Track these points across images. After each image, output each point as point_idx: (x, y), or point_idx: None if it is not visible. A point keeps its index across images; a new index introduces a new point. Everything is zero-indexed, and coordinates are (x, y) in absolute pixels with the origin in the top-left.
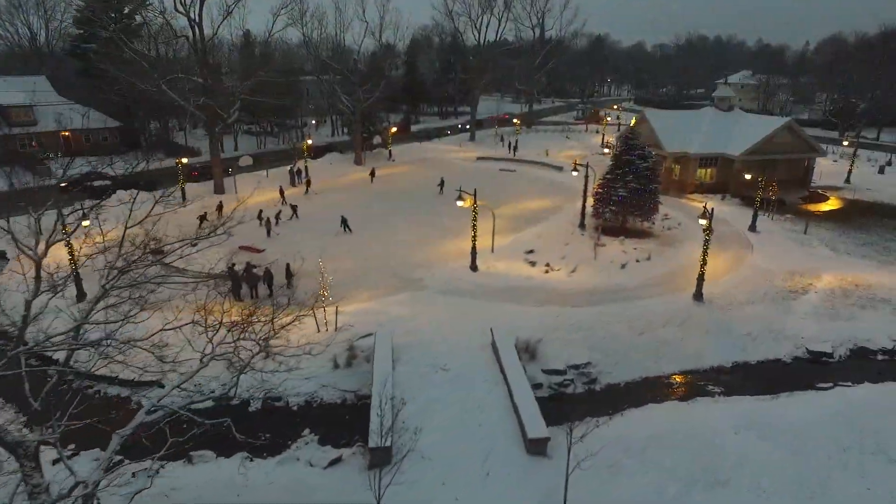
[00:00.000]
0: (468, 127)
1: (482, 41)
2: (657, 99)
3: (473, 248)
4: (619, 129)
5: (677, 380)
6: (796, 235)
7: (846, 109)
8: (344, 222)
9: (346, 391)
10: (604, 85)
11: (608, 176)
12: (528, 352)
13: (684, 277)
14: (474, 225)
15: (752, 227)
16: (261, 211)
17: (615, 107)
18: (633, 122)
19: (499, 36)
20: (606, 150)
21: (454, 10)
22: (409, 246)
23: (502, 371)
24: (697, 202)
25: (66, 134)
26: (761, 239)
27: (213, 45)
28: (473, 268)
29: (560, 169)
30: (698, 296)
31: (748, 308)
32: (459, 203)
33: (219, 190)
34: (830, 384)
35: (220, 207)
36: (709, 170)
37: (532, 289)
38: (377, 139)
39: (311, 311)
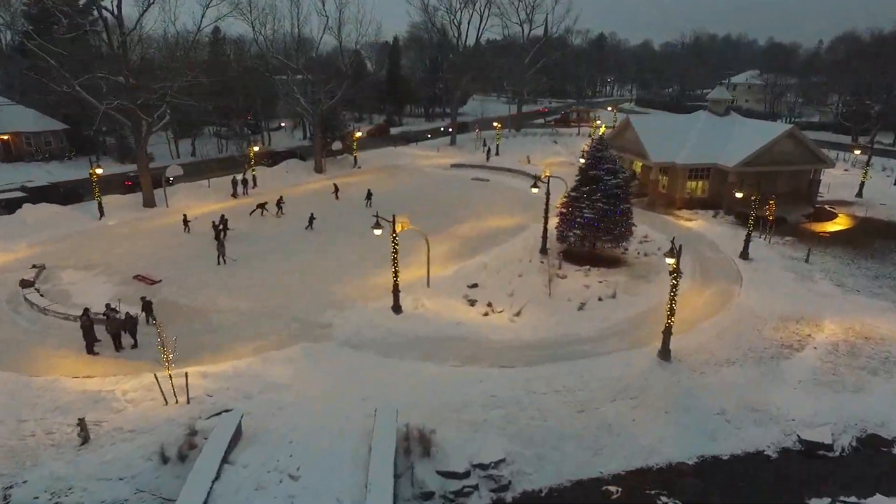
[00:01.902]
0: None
1: (464, 38)
2: (658, 100)
3: (395, 286)
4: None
5: (619, 485)
6: (796, 265)
7: (859, 112)
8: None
9: (170, 501)
10: (605, 85)
11: (573, 193)
12: (421, 444)
13: (653, 323)
14: (394, 258)
15: (745, 254)
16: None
17: (610, 108)
18: (601, 129)
19: (480, 32)
20: (582, 160)
21: (430, 3)
22: (332, 276)
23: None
24: (685, 220)
25: (6, 138)
26: (754, 269)
27: (137, 40)
28: (396, 309)
29: (538, 178)
30: (664, 353)
31: (726, 372)
32: (377, 231)
33: (149, 203)
34: (828, 500)
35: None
36: (700, 182)
37: (460, 340)
38: (337, 145)
39: (155, 377)
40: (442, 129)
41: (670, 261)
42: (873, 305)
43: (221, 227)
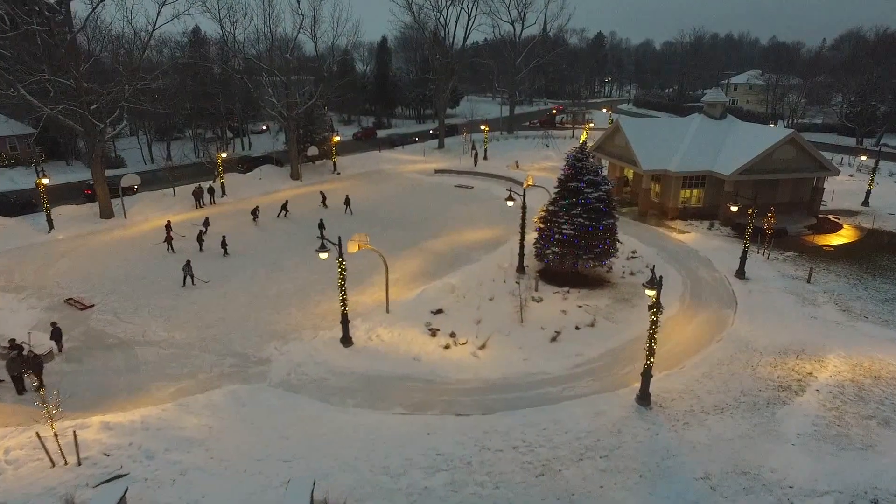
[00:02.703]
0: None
1: (452, 37)
2: (656, 100)
3: (343, 317)
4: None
5: None
6: (796, 286)
7: (864, 113)
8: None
9: None
10: (604, 85)
11: (550, 207)
12: None
13: (634, 358)
14: (341, 285)
15: (741, 273)
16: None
17: (605, 109)
18: (583, 136)
19: (468, 31)
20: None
21: (415, 0)
22: (283, 301)
23: None
24: (678, 232)
25: None
26: (750, 291)
27: (89, 39)
28: (346, 341)
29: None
30: (643, 398)
31: (714, 422)
32: (322, 256)
33: (106, 214)
34: None
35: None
36: (695, 191)
37: (413, 380)
38: (313, 150)
39: (37, 434)
40: (431, 131)
41: (650, 293)
42: (884, 335)
43: (203, 230)
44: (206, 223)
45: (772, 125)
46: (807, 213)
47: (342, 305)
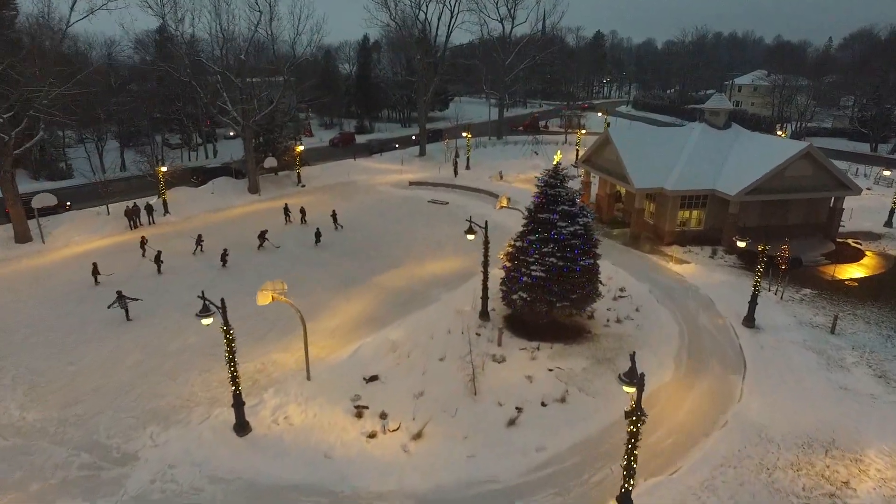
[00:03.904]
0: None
1: (433, 35)
2: (656, 102)
3: (236, 399)
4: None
5: None
6: (818, 338)
7: (879, 117)
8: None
9: None
10: (603, 86)
11: (517, 243)
12: None
13: (613, 455)
14: (230, 359)
15: (750, 320)
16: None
17: (601, 112)
18: (556, 156)
19: (451, 29)
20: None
21: None
22: (184, 361)
23: None
24: (675, 261)
25: None
26: (762, 347)
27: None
28: (241, 428)
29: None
30: None
31: None
32: (205, 321)
33: (22, 238)
34: None
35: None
36: (695, 212)
37: (314, 492)
38: (271, 161)
39: None
40: (414, 137)
41: (629, 390)
42: None
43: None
44: (200, 240)
45: (780, 133)
46: (823, 236)
47: (233, 385)
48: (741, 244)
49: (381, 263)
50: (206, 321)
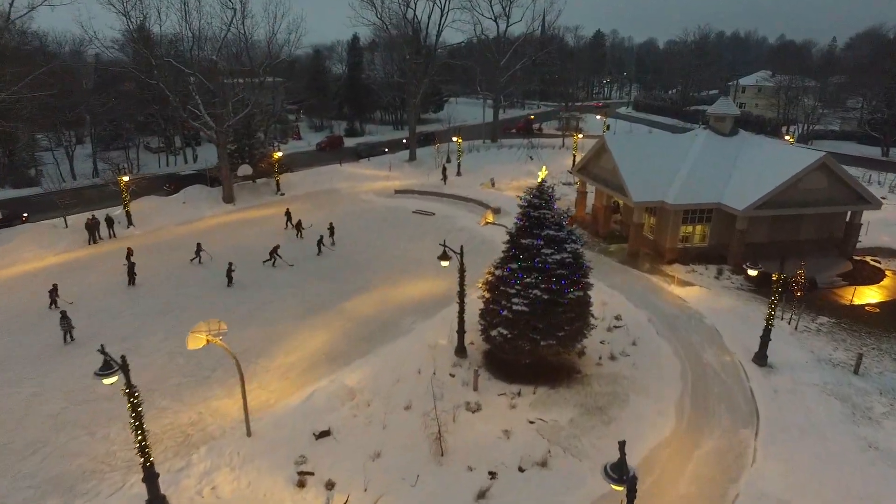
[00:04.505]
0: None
1: (423, 34)
2: (658, 103)
3: (148, 472)
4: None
5: None
6: (840, 379)
7: (890, 119)
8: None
9: None
10: (603, 87)
11: (497, 271)
12: None
13: None
14: (133, 418)
15: (761, 357)
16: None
17: (599, 115)
18: (541, 172)
19: (441, 27)
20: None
21: None
22: (103, 411)
23: None
24: (678, 283)
25: None
26: (776, 391)
27: None
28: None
29: (497, 211)
30: None
31: None
32: (108, 381)
33: None
34: None
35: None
36: (698, 227)
37: None
38: (245, 169)
39: None
40: (404, 140)
41: (618, 489)
42: None
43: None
44: (199, 248)
45: (788, 138)
46: (838, 253)
47: (142, 457)
48: (752, 272)
49: (353, 285)
50: (108, 381)
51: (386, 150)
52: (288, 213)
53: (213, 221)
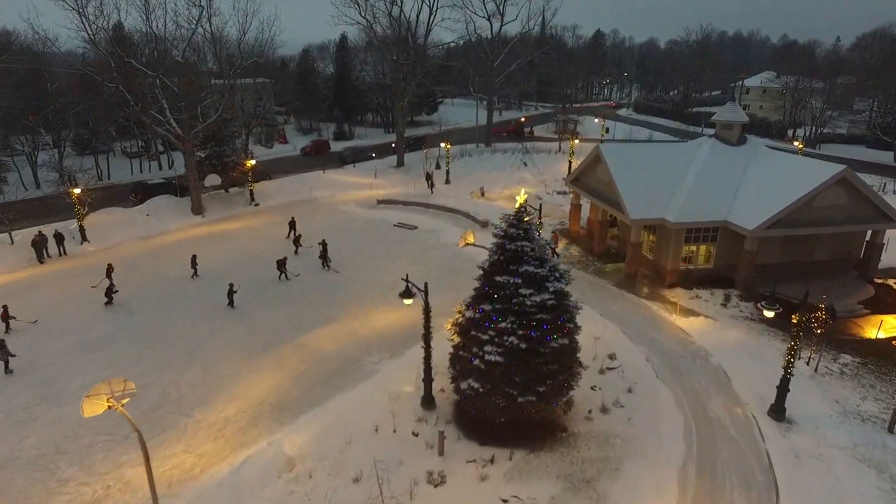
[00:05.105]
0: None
1: (411, 34)
2: (659, 105)
3: None
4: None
5: None
6: (871, 437)
7: None
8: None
9: None
10: (603, 88)
11: (467, 312)
12: None
13: None
14: None
15: (778, 410)
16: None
17: (598, 118)
18: (520, 198)
19: (430, 26)
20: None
21: None
22: (33, 461)
23: None
24: (680, 313)
25: None
26: (796, 454)
27: None
28: None
29: (485, 225)
30: None
31: None
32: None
33: None
34: None
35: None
36: (703, 247)
37: None
38: (212, 179)
39: None
40: (393, 145)
41: None
42: None
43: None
44: (194, 262)
45: (797, 144)
46: (857, 276)
47: None
48: (769, 314)
49: (317, 314)
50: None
51: (373, 154)
52: (292, 224)
53: (178, 236)
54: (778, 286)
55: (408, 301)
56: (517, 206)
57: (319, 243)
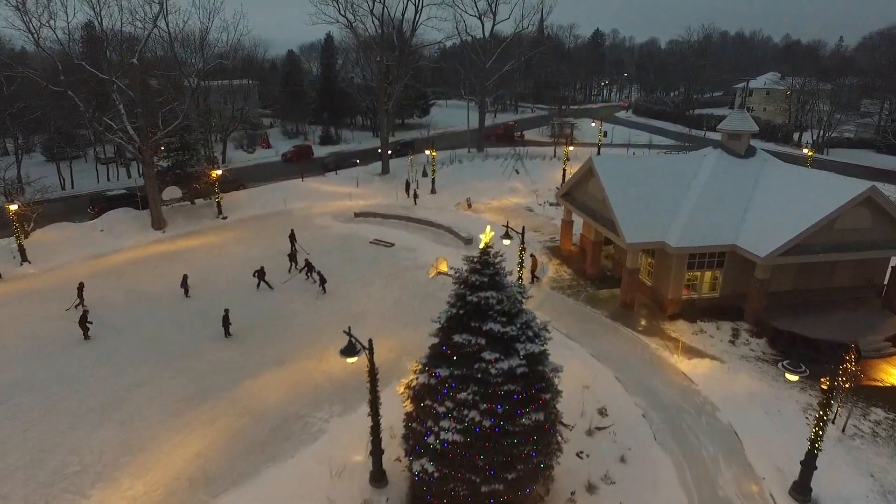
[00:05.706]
0: (391, 153)
1: (395, 34)
2: (659, 107)
3: None
4: (598, 152)
5: None
6: None
7: None
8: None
9: None
10: (602, 89)
11: (420, 377)
12: None
13: None
14: None
15: (803, 491)
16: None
17: (595, 122)
18: (485, 237)
19: (415, 25)
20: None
21: None
22: None
23: None
24: (682, 353)
25: None
26: None
27: None
28: None
29: (469, 242)
30: None
31: None
32: None
33: None
34: None
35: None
36: (708, 273)
37: None
38: (172, 191)
39: None
40: (379, 150)
41: None
42: None
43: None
44: (185, 281)
45: (807, 152)
46: (881, 305)
47: None
48: (792, 377)
49: (265, 354)
50: None
51: (357, 161)
52: (292, 236)
53: (132, 254)
54: (792, 318)
55: (350, 360)
56: (482, 244)
57: (305, 263)
